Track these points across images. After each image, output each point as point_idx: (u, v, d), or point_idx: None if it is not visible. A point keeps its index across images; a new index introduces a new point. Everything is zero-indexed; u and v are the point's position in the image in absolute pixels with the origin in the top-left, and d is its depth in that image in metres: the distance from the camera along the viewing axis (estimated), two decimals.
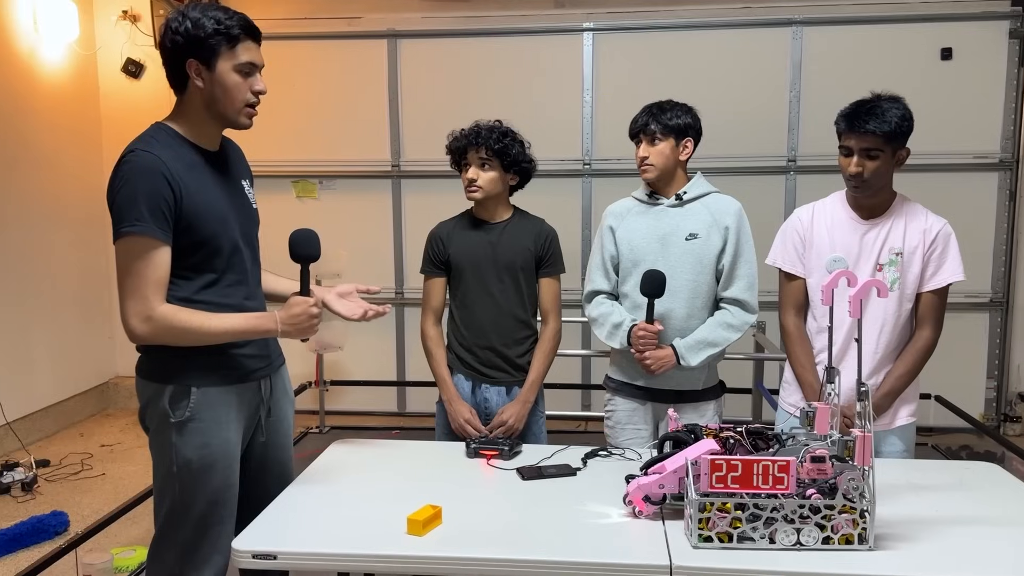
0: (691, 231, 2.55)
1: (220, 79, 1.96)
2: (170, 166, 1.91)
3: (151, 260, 1.90)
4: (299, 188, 5.50)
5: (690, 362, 2.52)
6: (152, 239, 1.89)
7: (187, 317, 1.93)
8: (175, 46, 1.94)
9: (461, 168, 2.66)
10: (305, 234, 2.08)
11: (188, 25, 1.92)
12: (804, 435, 1.92)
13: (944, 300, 2.45)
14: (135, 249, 1.89)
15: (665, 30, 5.15)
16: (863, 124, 2.31)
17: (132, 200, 1.88)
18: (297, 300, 2.02)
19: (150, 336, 1.93)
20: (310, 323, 2.01)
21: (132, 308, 1.91)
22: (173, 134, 1.99)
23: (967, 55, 4.93)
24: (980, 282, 5.08)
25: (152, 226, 1.88)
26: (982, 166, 5.01)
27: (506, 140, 2.60)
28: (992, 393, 5.18)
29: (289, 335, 2.02)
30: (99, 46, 5.48)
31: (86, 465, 4.53)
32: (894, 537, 1.77)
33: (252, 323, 2.01)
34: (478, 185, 2.60)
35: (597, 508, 1.93)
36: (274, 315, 2.01)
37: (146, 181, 1.88)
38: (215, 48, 1.93)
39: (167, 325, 1.91)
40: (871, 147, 2.32)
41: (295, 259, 2.08)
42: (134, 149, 1.93)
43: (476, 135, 2.60)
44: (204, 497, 2.01)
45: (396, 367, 5.57)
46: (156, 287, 1.91)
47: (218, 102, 1.98)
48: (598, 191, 5.20)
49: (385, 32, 5.32)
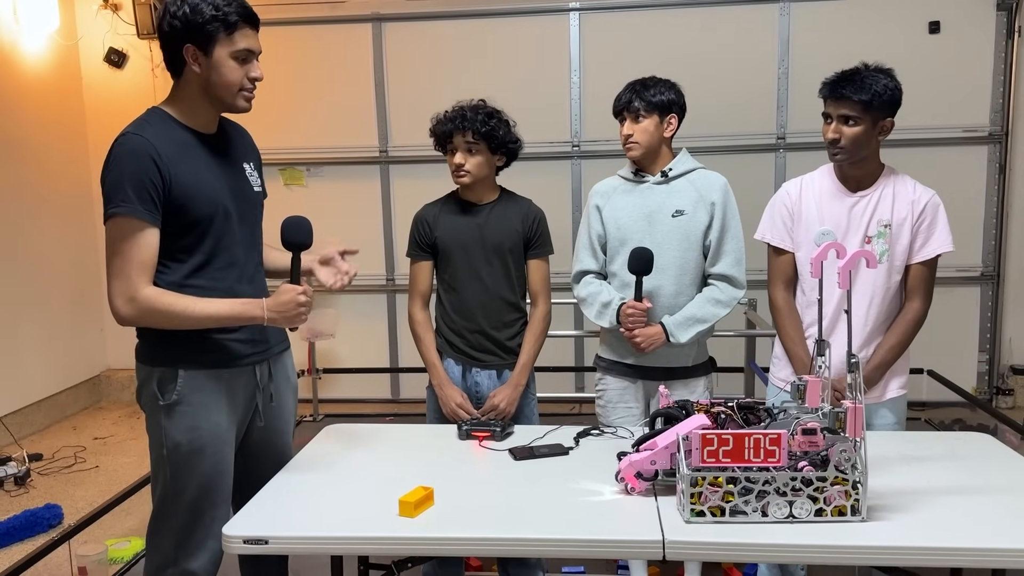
0: (677, 208, 2.54)
1: (217, 65, 1.95)
2: (159, 148, 1.91)
3: (136, 241, 1.90)
4: (286, 176, 5.46)
5: (679, 339, 2.52)
6: (138, 220, 1.89)
7: (171, 300, 1.93)
8: (173, 31, 1.93)
9: (446, 151, 2.63)
10: (297, 221, 2.06)
11: (187, 10, 1.91)
12: (795, 408, 1.91)
13: (933, 271, 2.45)
14: (121, 230, 1.90)
15: (652, 8, 5.11)
16: (840, 90, 2.33)
17: (119, 182, 1.89)
18: (286, 288, 2.00)
19: (134, 318, 1.93)
20: (297, 311, 1.98)
21: (117, 288, 1.91)
22: (167, 117, 1.99)
23: (955, 28, 4.91)
24: (971, 256, 5.08)
25: (138, 207, 1.88)
26: (972, 139, 5.01)
27: (492, 122, 2.56)
28: (984, 367, 5.20)
29: (276, 322, 2.00)
30: (81, 36, 5.43)
31: (79, 458, 4.52)
32: (887, 508, 1.77)
33: (237, 309, 1.99)
34: (466, 170, 2.57)
35: (589, 486, 1.93)
36: (261, 302, 1.99)
37: (133, 163, 1.89)
38: (212, 34, 1.92)
39: (150, 307, 1.91)
40: (848, 113, 2.32)
41: (286, 246, 2.06)
42: (125, 132, 1.94)
43: (461, 118, 2.55)
44: (195, 481, 2.01)
45: (389, 354, 5.56)
46: (141, 268, 1.91)
47: (215, 87, 1.97)
48: (587, 173, 5.19)
49: (369, 16, 5.27)
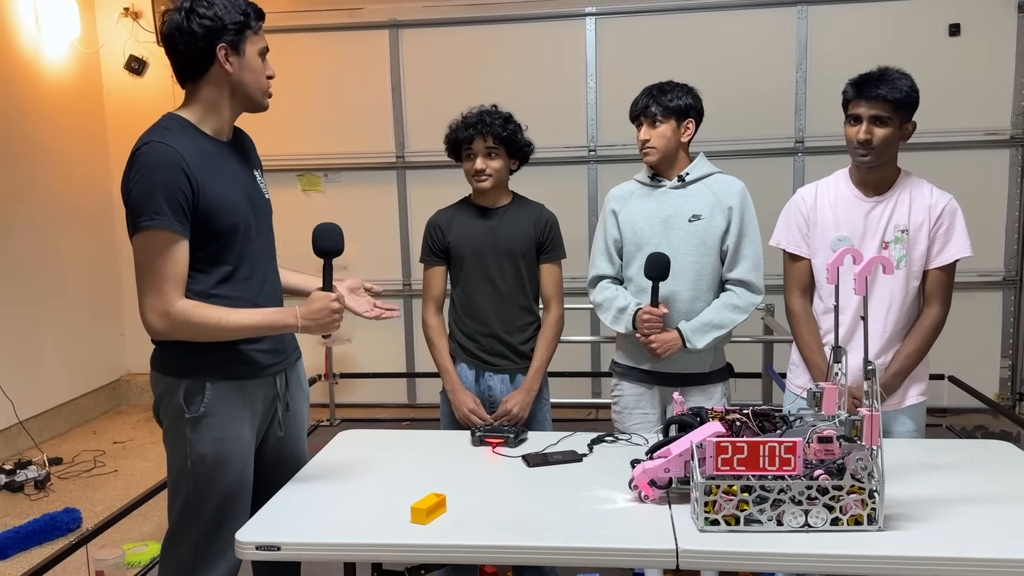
0: (694, 212, 2.52)
1: (249, 62, 1.96)
2: (187, 158, 1.88)
3: (170, 255, 1.87)
4: (304, 182, 5.49)
5: (696, 345, 2.50)
6: (171, 233, 1.86)
7: (206, 313, 1.90)
8: (205, 30, 1.90)
9: (460, 158, 2.63)
10: (328, 228, 2.02)
11: (217, 10, 1.90)
12: (811, 416, 1.89)
13: (952, 277, 2.42)
14: (154, 244, 1.86)
15: (669, 12, 5.10)
16: (874, 89, 2.29)
17: (150, 193, 1.84)
18: (319, 295, 1.97)
19: (169, 332, 1.91)
20: (331, 319, 1.96)
21: (151, 304, 1.88)
22: (187, 124, 1.96)
23: (975, 31, 4.86)
24: (993, 260, 5.02)
25: (171, 219, 1.85)
26: (993, 143, 4.95)
27: (511, 127, 2.59)
28: (1007, 372, 5.13)
29: (309, 330, 1.97)
30: (101, 43, 5.49)
31: (98, 462, 4.56)
32: (904, 517, 1.75)
33: (271, 318, 1.97)
34: (488, 174, 2.58)
35: (603, 493, 1.91)
36: (294, 310, 1.97)
37: (164, 173, 1.85)
38: (244, 32, 1.94)
39: (185, 321, 1.89)
40: (881, 114, 2.30)
41: (318, 253, 2.01)
42: (149, 141, 1.89)
43: (482, 123, 2.55)
44: (218, 492, 1.99)
45: (405, 359, 5.56)
46: (175, 282, 1.88)
47: (247, 86, 1.97)
48: (604, 177, 5.17)
49: (386, 22, 5.30)
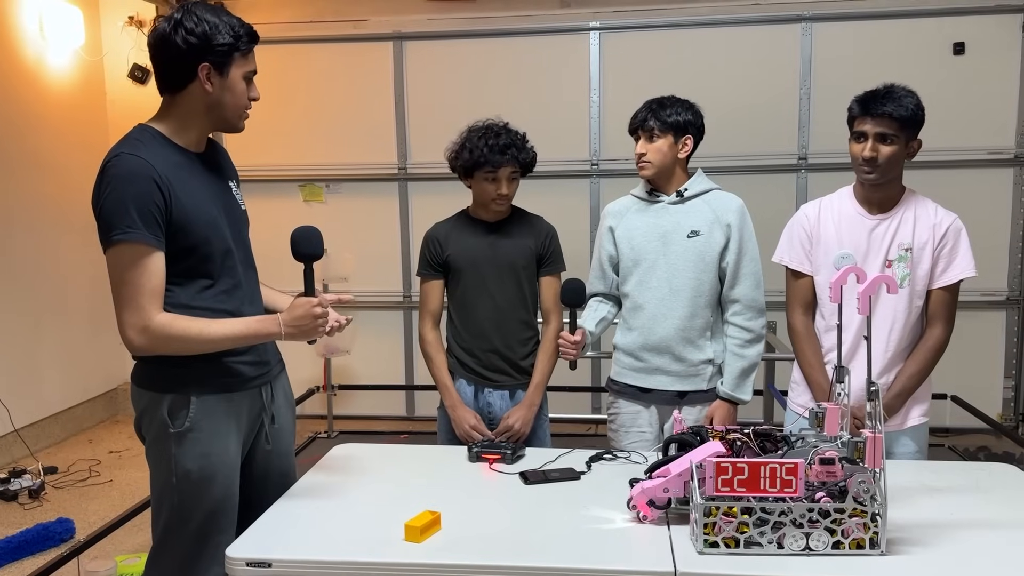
0: (693, 228, 2.50)
1: (232, 85, 1.92)
2: (159, 169, 1.85)
3: (146, 268, 1.84)
4: (306, 192, 5.48)
5: (744, 398, 2.53)
6: (145, 246, 1.83)
7: (186, 325, 1.87)
8: (189, 47, 1.86)
9: (473, 175, 2.58)
10: (307, 231, 1.98)
11: (206, 28, 1.86)
12: (813, 436, 1.87)
13: (955, 297, 2.40)
14: (128, 257, 1.83)
15: (673, 28, 5.09)
16: (880, 107, 2.28)
17: (122, 206, 1.82)
18: (300, 301, 1.93)
19: (149, 347, 1.87)
20: (314, 324, 1.92)
21: (129, 320, 1.85)
22: (157, 135, 1.93)
23: (980, 49, 4.85)
24: (996, 280, 4.99)
25: (144, 232, 1.82)
26: (997, 161, 4.93)
27: (531, 151, 2.60)
28: (1010, 393, 5.09)
29: (293, 337, 1.93)
30: (105, 52, 5.49)
31: (94, 472, 4.52)
32: (907, 541, 1.72)
33: (254, 327, 1.94)
34: (509, 197, 2.60)
35: (600, 513, 1.88)
36: (277, 318, 1.93)
37: (135, 186, 1.82)
38: (231, 55, 1.90)
39: (165, 335, 1.85)
40: (887, 131, 2.28)
41: (297, 258, 1.98)
42: (119, 153, 1.86)
43: (511, 153, 2.53)
44: (204, 507, 1.96)
45: (404, 371, 5.54)
46: (152, 296, 1.84)
47: (225, 107, 1.93)
48: (606, 191, 5.16)
49: (391, 34, 5.30)
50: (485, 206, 2.62)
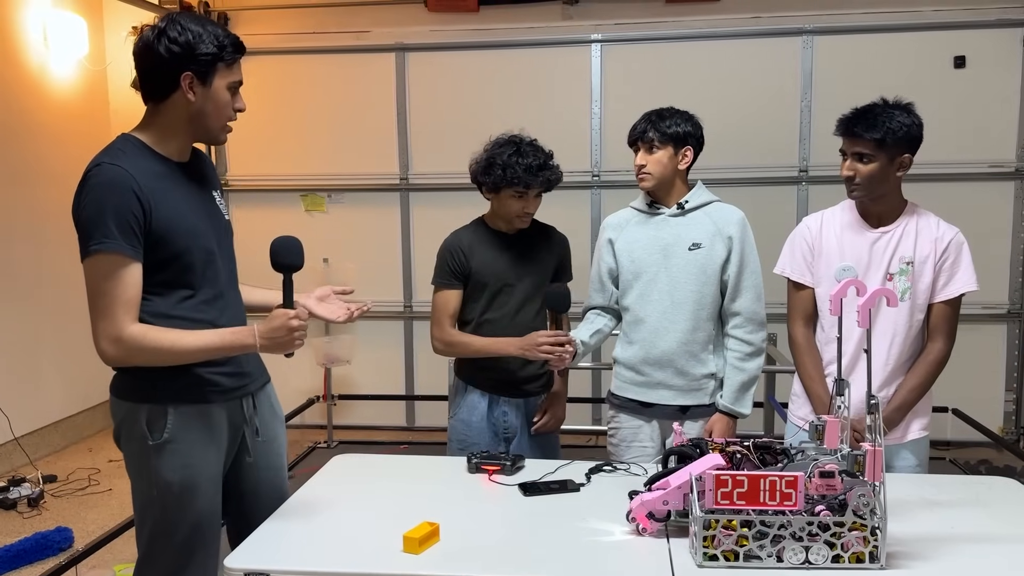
0: (694, 240, 2.50)
1: (214, 95, 1.90)
2: (139, 180, 1.83)
3: (121, 279, 1.82)
4: (308, 202, 5.48)
5: (744, 411, 2.53)
6: (122, 256, 1.81)
7: (158, 336, 1.85)
8: (172, 56, 1.84)
9: (498, 189, 2.57)
10: (287, 241, 1.95)
11: (189, 37, 1.84)
12: (813, 449, 1.86)
13: (957, 311, 2.39)
14: (104, 267, 1.82)
15: (674, 41, 5.11)
16: (852, 128, 2.31)
17: (100, 216, 1.80)
18: (278, 313, 1.89)
19: (122, 358, 1.86)
20: (290, 336, 1.87)
21: (102, 330, 1.84)
22: (140, 145, 1.91)
23: (981, 63, 4.86)
24: (997, 293, 4.99)
25: (122, 242, 1.81)
26: (998, 175, 4.93)
27: (559, 171, 2.62)
28: (1011, 406, 5.08)
29: (268, 350, 1.90)
30: (109, 62, 5.51)
31: (93, 480, 4.51)
32: (907, 555, 1.71)
33: (228, 339, 1.90)
34: (532, 214, 2.63)
35: (599, 525, 1.88)
36: (252, 329, 1.90)
37: (114, 196, 1.80)
38: (214, 64, 1.87)
39: (138, 346, 1.84)
40: (862, 151, 2.30)
41: (276, 268, 1.94)
42: (100, 163, 1.85)
43: (545, 172, 2.55)
44: (188, 520, 1.93)
45: (404, 381, 5.53)
46: (127, 307, 1.83)
47: (207, 117, 1.91)
48: (607, 203, 5.16)
49: (393, 45, 5.31)
50: (508, 220, 2.62)
